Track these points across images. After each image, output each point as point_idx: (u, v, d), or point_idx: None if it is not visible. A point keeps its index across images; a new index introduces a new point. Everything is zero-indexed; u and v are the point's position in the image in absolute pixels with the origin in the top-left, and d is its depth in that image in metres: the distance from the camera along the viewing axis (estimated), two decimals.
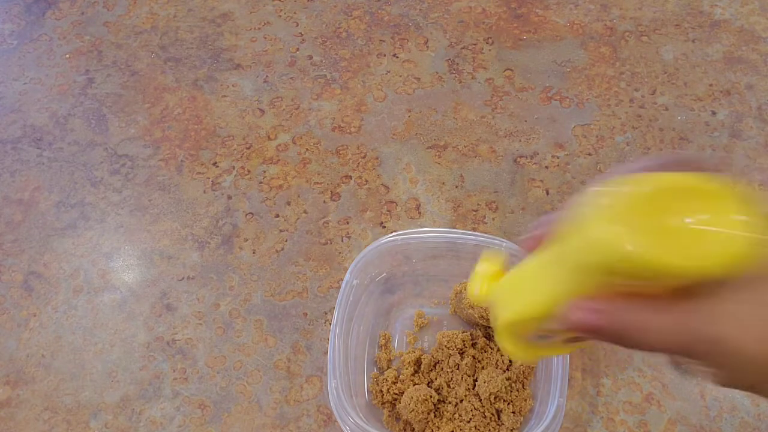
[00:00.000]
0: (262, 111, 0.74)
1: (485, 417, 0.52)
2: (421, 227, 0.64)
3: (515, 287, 0.28)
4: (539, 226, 0.27)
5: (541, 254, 0.26)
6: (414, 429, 0.53)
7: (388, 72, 0.76)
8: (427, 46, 0.78)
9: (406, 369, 0.55)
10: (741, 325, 0.21)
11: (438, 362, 0.56)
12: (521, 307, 0.27)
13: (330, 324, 0.57)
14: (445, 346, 0.55)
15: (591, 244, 0.22)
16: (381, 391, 0.54)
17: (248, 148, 0.71)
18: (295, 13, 0.82)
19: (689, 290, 0.22)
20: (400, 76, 0.75)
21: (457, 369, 0.55)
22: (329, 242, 0.64)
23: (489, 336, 0.57)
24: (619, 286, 0.23)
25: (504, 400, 0.53)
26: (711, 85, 0.72)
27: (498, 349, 0.56)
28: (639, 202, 0.22)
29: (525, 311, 0.26)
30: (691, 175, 0.23)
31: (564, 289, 0.24)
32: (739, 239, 0.21)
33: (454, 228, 0.64)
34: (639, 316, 0.23)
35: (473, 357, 0.55)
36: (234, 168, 0.69)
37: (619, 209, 0.22)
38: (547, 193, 0.66)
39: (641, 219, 0.22)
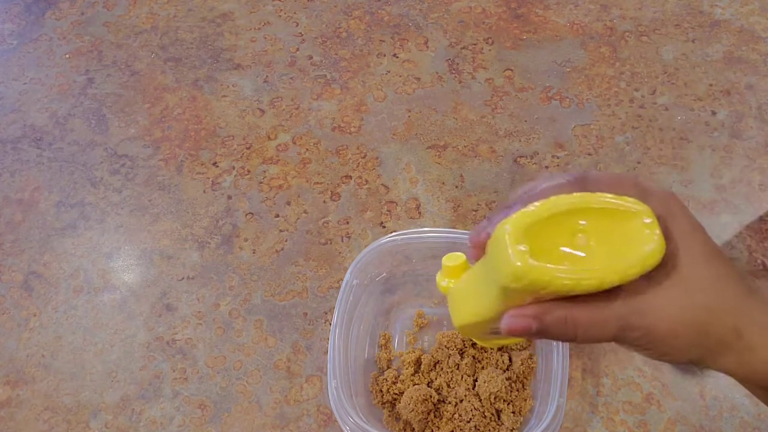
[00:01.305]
0: (262, 111, 0.74)
1: (485, 417, 0.52)
2: (421, 227, 0.64)
3: (461, 296, 0.32)
4: (480, 231, 0.30)
5: (479, 266, 0.29)
6: (414, 429, 0.53)
7: (388, 72, 0.76)
8: (427, 46, 0.78)
9: (406, 369, 0.55)
10: (662, 315, 0.26)
11: (438, 362, 0.56)
12: (466, 315, 0.31)
13: (330, 324, 0.57)
14: (445, 346, 0.55)
15: (497, 268, 0.25)
16: (381, 391, 0.54)
17: (248, 148, 0.71)
18: (295, 13, 0.82)
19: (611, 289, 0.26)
20: (400, 76, 0.75)
21: (457, 369, 0.55)
22: (329, 242, 0.64)
23: None
24: (544, 296, 0.26)
25: (504, 400, 0.53)
26: (711, 85, 0.72)
27: (498, 349, 0.56)
28: (537, 227, 0.25)
29: (469, 318, 0.31)
30: (588, 196, 0.26)
31: (496, 304, 0.27)
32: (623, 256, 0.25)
33: (454, 228, 0.64)
34: (571, 313, 0.26)
35: (473, 357, 0.55)
36: (234, 168, 0.69)
37: (519, 234, 0.25)
38: None
39: (537, 242, 0.25)
